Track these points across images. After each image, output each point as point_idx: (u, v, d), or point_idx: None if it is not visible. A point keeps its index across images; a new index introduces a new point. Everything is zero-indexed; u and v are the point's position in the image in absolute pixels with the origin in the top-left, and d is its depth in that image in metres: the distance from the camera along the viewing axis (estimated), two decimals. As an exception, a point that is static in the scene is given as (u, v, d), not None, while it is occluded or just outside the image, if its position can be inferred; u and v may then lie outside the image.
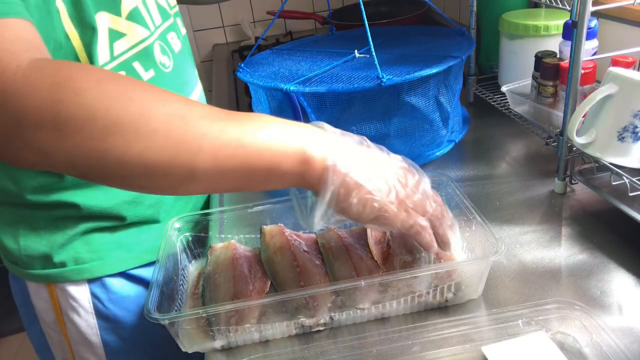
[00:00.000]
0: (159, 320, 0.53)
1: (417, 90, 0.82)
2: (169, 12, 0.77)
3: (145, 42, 0.67)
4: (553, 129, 0.82)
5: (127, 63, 0.65)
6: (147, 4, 0.70)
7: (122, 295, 0.75)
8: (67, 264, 0.71)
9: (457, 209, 0.65)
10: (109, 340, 0.76)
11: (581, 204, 0.75)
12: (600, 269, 0.62)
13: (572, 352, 0.52)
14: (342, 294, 0.57)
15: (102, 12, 0.61)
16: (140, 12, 0.67)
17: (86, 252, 0.71)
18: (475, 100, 1.09)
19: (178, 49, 0.76)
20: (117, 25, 0.63)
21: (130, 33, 0.65)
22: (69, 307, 0.74)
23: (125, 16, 0.65)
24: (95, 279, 0.73)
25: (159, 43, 0.70)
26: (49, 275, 0.72)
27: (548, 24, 0.92)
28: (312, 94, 0.80)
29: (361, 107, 0.81)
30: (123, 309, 0.76)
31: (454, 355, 0.53)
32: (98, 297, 0.74)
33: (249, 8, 1.83)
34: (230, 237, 0.71)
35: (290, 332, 0.59)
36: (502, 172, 0.85)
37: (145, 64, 0.67)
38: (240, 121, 0.46)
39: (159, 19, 0.73)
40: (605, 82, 0.66)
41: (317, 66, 0.91)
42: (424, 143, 0.88)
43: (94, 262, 0.72)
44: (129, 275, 0.75)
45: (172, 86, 0.71)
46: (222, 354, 0.58)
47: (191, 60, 0.83)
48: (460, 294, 0.59)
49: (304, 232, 0.69)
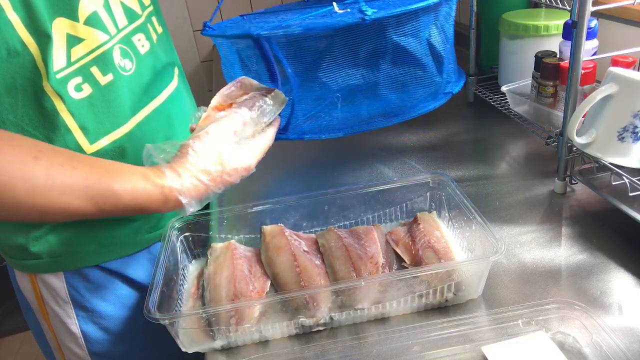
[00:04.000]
0: (159, 320, 0.53)
1: (405, 29, 0.73)
2: (139, 13, 0.76)
3: (104, 46, 0.67)
4: (553, 129, 0.82)
5: (85, 68, 0.65)
6: (111, 7, 0.70)
7: (98, 285, 0.76)
8: (42, 256, 0.72)
9: (457, 209, 0.65)
10: (88, 331, 0.77)
11: (581, 204, 0.75)
12: (600, 269, 0.62)
13: (572, 352, 0.52)
14: (342, 294, 0.57)
15: (59, 19, 0.62)
16: (99, 17, 0.67)
17: (60, 245, 0.72)
18: (475, 100, 1.09)
19: (145, 50, 0.75)
20: (75, 31, 0.64)
21: (88, 38, 0.65)
22: (49, 296, 0.75)
23: (83, 21, 0.65)
24: (71, 270, 0.74)
25: (120, 46, 0.70)
26: (28, 265, 0.73)
27: (548, 24, 0.92)
28: (287, 40, 0.71)
29: (344, 51, 0.72)
30: (100, 299, 0.77)
31: (454, 355, 0.53)
32: (74, 286, 0.75)
33: (249, 8, 1.83)
34: (230, 237, 0.71)
35: (290, 332, 0.59)
36: (502, 172, 0.85)
37: (104, 69, 0.67)
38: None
39: (124, 21, 0.72)
40: (605, 82, 0.66)
41: (291, 20, 0.79)
42: (418, 92, 0.79)
43: (68, 256, 0.73)
44: (105, 268, 0.76)
45: (130, 90, 0.71)
46: (222, 354, 0.58)
47: (164, 60, 0.81)
48: (460, 294, 0.59)
49: (304, 232, 0.70)
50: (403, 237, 0.66)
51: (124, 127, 0.70)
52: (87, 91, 0.66)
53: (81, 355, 0.79)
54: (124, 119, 0.70)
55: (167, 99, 0.79)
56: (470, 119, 1.06)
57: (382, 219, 0.73)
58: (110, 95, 0.68)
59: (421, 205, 0.72)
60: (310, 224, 0.73)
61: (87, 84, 0.66)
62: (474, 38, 1.04)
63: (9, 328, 2.05)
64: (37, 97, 0.62)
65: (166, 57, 0.82)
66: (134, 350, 0.81)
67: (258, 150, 0.63)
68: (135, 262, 0.77)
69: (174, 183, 0.56)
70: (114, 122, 0.69)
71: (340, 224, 0.72)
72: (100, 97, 0.67)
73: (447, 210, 0.69)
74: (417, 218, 0.68)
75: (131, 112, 0.71)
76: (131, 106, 0.71)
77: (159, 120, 0.76)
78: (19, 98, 0.61)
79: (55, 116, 0.63)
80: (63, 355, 0.81)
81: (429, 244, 0.62)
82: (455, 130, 0.99)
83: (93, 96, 0.66)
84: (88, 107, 0.66)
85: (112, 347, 0.80)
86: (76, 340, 0.78)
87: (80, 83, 0.65)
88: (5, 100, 0.61)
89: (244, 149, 0.62)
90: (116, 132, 0.69)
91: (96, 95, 0.66)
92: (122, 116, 0.70)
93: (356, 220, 0.72)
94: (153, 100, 0.76)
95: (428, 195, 0.72)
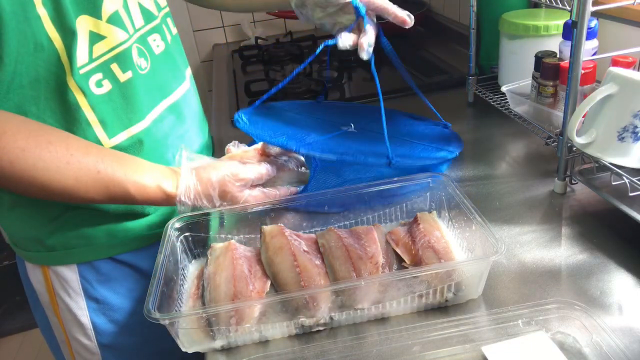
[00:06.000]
0: (159, 320, 0.53)
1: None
2: (155, 14, 0.78)
3: (124, 45, 0.70)
4: (553, 129, 0.82)
5: (105, 65, 0.68)
6: (129, 7, 0.72)
7: (110, 277, 0.78)
8: (57, 248, 0.74)
9: (457, 209, 0.65)
10: (98, 322, 0.79)
11: (581, 204, 0.75)
12: (600, 269, 0.62)
13: (572, 352, 0.52)
14: (342, 294, 0.57)
15: (83, 16, 0.64)
16: (120, 16, 0.70)
17: (74, 237, 0.74)
18: (475, 100, 1.09)
19: (160, 50, 0.77)
20: (98, 29, 0.66)
21: (110, 36, 0.68)
22: (61, 288, 0.76)
23: (105, 19, 0.67)
24: (84, 262, 0.76)
25: (137, 46, 0.72)
26: (41, 257, 0.75)
27: (548, 24, 0.92)
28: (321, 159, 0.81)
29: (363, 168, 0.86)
30: (111, 291, 0.78)
31: (454, 355, 0.53)
32: (87, 278, 0.76)
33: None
34: (230, 237, 0.71)
35: (290, 332, 0.59)
36: (502, 172, 0.85)
37: (123, 66, 0.70)
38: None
39: (141, 21, 0.74)
40: (605, 82, 0.66)
41: (315, 131, 0.89)
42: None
43: (82, 248, 0.75)
44: (117, 259, 0.78)
45: (146, 88, 0.73)
46: (222, 354, 0.58)
47: (178, 61, 0.83)
48: (460, 294, 0.59)
49: (304, 232, 0.70)
50: (403, 237, 0.66)
51: (141, 123, 0.73)
52: (107, 87, 0.68)
53: (90, 347, 0.80)
54: (141, 115, 0.73)
55: (180, 98, 0.81)
56: (470, 119, 1.06)
57: (382, 219, 0.73)
58: (129, 91, 0.70)
59: (421, 205, 0.72)
60: (310, 224, 0.73)
61: (107, 80, 0.68)
62: (474, 38, 1.04)
63: (8, 328, 2.05)
64: (60, 91, 0.64)
65: (180, 57, 0.84)
66: (141, 343, 0.83)
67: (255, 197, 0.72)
68: (146, 255, 0.79)
69: (179, 193, 0.68)
70: (131, 118, 0.72)
71: (340, 224, 0.72)
72: (119, 93, 0.69)
73: (447, 210, 0.69)
74: (417, 218, 0.68)
75: (147, 109, 0.74)
76: (147, 103, 0.74)
77: (172, 118, 0.79)
78: (41, 91, 0.63)
79: (77, 110, 0.66)
80: (71, 347, 0.82)
81: (429, 244, 0.62)
82: (455, 130, 0.99)
83: (112, 92, 0.69)
84: (107, 102, 0.68)
85: (121, 339, 0.81)
86: (85, 332, 0.79)
87: (101, 79, 0.67)
88: (28, 93, 0.63)
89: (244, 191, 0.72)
90: (134, 128, 0.72)
91: (115, 91, 0.69)
92: (139, 112, 0.72)
93: (356, 220, 0.72)
94: (166, 98, 0.78)
95: (428, 195, 0.72)
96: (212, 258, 0.65)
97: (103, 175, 0.63)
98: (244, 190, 0.72)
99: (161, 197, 0.68)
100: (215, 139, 1.11)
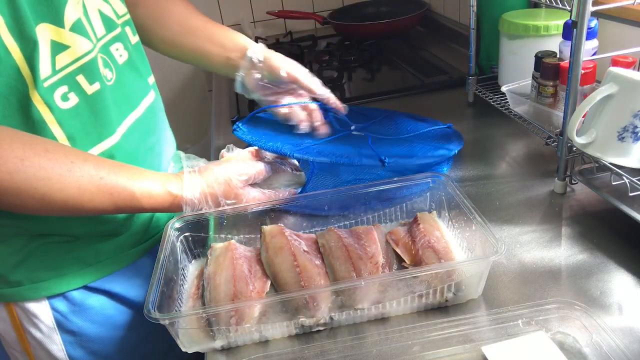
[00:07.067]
0: (159, 320, 0.53)
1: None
2: (116, 22, 0.74)
3: (89, 55, 0.65)
4: (553, 129, 0.82)
5: (71, 77, 0.63)
6: (90, 16, 0.68)
7: (85, 307, 0.73)
8: (23, 282, 0.69)
9: (457, 209, 0.65)
10: (76, 356, 0.74)
11: (581, 204, 0.75)
12: (600, 269, 0.62)
13: (572, 352, 0.52)
14: (342, 294, 0.57)
15: (43, 24, 0.59)
16: (83, 24, 0.65)
17: (42, 269, 0.69)
18: (475, 100, 1.09)
19: (123, 60, 0.74)
20: (60, 38, 0.62)
21: (74, 45, 0.63)
22: (31, 324, 0.72)
23: (68, 28, 0.62)
24: (55, 295, 0.71)
25: (101, 56, 0.68)
26: (5, 295, 0.70)
27: (548, 24, 0.92)
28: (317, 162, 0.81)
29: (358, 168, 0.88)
30: (88, 321, 0.74)
31: (454, 355, 0.53)
32: (59, 311, 0.72)
33: (249, 8, 1.83)
34: (230, 237, 0.71)
35: (290, 332, 0.59)
36: (502, 172, 0.85)
37: (90, 78, 0.65)
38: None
39: (102, 30, 0.70)
40: (605, 82, 0.66)
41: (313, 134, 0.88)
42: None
43: (52, 280, 0.70)
44: (90, 287, 0.73)
45: (114, 100, 0.69)
46: (222, 354, 0.58)
47: (141, 69, 0.79)
48: (460, 294, 0.59)
49: (304, 232, 0.70)
50: (403, 237, 0.66)
51: (112, 138, 0.69)
52: (74, 101, 0.64)
53: None
54: (111, 130, 0.69)
55: (147, 108, 0.78)
56: (470, 119, 1.06)
57: (382, 219, 0.73)
58: (97, 105, 0.66)
59: (421, 205, 0.72)
60: (310, 224, 0.73)
61: (74, 93, 0.64)
62: (474, 38, 1.04)
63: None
64: (23, 107, 0.60)
65: (142, 66, 0.80)
66: None
67: (256, 198, 0.72)
68: (121, 278, 0.76)
69: (184, 193, 0.67)
70: (101, 133, 0.67)
71: (340, 224, 0.72)
72: (87, 107, 0.65)
73: (447, 210, 0.69)
74: (417, 218, 0.68)
75: (117, 122, 0.70)
76: (116, 116, 0.70)
77: (141, 130, 0.75)
78: (0, 108, 0.58)
79: (43, 127, 0.61)
80: None
81: (429, 244, 0.62)
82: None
83: (79, 106, 0.64)
84: (75, 117, 0.64)
85: None
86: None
87: (66, 92, 0.63)
88: None
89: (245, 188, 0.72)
90: (104, 143, 0.68)
91: (82, 105, 0.65)
92: (109, 126, 0.68)
93: (356, 220, 0.72)
94: (135, 110, 0.74)
95: (428, 195, 0.72)
96: (212, 258, 0.65)
97: (107, 182, 0.61)
98: (246, 187, 0.71)
99: (168, 200, 0.66)
100: (216, 139, 1.12)
